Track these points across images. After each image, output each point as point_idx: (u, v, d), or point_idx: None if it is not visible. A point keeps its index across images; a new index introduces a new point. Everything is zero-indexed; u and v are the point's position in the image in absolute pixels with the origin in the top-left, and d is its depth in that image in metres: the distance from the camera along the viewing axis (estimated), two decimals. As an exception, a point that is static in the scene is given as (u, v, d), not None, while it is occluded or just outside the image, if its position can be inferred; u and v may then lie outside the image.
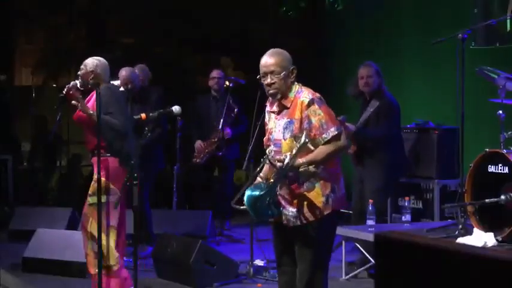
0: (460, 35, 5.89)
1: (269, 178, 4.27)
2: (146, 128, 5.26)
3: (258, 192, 4.16)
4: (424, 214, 7.36)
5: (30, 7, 11.77)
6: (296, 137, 4.17)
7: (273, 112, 4.36)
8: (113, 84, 6.12)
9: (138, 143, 5.70)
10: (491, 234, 5.54)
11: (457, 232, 5.79)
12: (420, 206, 7.43)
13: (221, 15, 11.01)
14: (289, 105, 4.26)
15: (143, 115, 5.49)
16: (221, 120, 8.11)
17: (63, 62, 11.00)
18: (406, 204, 6.62)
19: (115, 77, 7.55)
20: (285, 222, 4.28)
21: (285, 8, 9.66)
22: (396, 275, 2.15)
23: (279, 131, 4.28)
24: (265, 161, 4.31)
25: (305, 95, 4.22)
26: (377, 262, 2.28)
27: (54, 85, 11.07)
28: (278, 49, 4.35)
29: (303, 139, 4.08)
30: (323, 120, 4.15)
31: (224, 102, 8.19)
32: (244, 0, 10.93)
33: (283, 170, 4.12)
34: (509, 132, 5.91)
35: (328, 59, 10.13)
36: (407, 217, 6.44)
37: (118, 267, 5.49)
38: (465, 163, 5.97)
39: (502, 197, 5.58)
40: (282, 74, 4.22)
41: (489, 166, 5.75)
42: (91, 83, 5.49)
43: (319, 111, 4.16)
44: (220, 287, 6.10)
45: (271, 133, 4.35)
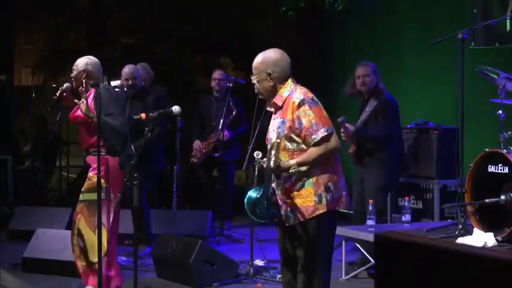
0: (460, 35, 5.88)
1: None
2: (146, 128, 5.25)
3: (255, 195, 4.22)
4: (424, 214, 7.36)
5: (30, 7, 11.78)
6: (287, 137, 4.22)
7: (271, 112, 4.43)
8: (110, 85, 6.13)
9: (138, 143, 5.71)
10: (491, 234, 5.54)
11: (457, 232, 5.79)
12: (420, 206, 7.43)
13: (221, 15, 11.01)
14: (281, 104, 4.30)
15: (143, 115, 5.49)
16: (221, 121, 8.10)
17: (63, 62, 10.99)
18: (406, 204, 6.62)
19: (116, 77, 7.57)
20: (285, 222, 4.32)
21: (285, 8, 9.65)
22: (396, 275, 2.15)
23: (273, 131, 4.34)
24: (257, 163, 4.35)
25: (296, 95, 4.25)
26: (377, 262, 2.28)
27: (54, 85, 11.07)
28: (268, 50, 4.40)
29: (274, 139, 4.17)
30: (313, 121, 4.17)
31: (225, 103, 8.20)
32: (244, 0, 10.93)
33: (268, 172, 4.16)
34: (509, 132, 5.91)
35: (328, 59, 10.12)
36: (407, 217, 6.44)
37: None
38: (465, 163, 5.97)
39: (502, 197, 5.58)
40: (256, 78, 4.32)
41: (489, 166, 5.75)
42: (91, 83, 5.48)
43: (309, 111, 4.18)
44: (220, 287, 6.10)
45: (268, 133, 4.42)
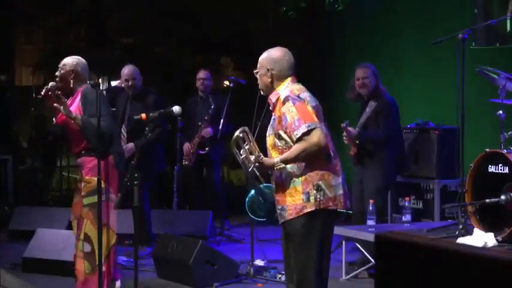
0: (460, 35, 5.88)
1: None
2: (147, 128, 5.25)
3: (252, 193, 4.27)
4: (425, 214, 7.36)
5: (30, 7, 11.77)
6: (276, 134, 4.26)
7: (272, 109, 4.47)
8: (110, 85, 6.14)
9: (139, 143, 5.72)
10: (491, 234, 5.54)
11: (457, 232, 5.78)
12: (420, 206, 7.42)
13: (221, 15, 11.00)
14: (274, 101, 4.34)
15: (143, 115, 5.49)
16: (221, 121, 8.08)
17: (63, 62, 10.99)
18: (407, 204, 6.62)
19: (116, 76, 7.59)
20: (278, 220, 4.38)
21: (285, 8, 9.65)
22: (396, 275, 2.15)
23: (268, 128, 4.41)
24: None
25: (284, 93, 4.28)
26: (377, 262, 2.28)
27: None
28: (274, 48, 4.43)
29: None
30: (295, 117, 4.17)
31: (215, 102, 8.20)
32: (244, 0, 10.93)
33: (248, 169, 4.21)
34: (509, 132, 5.90)
35: (328, 59, 10.12)
36: (407, 217, 6.44)
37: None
38: (465, 163, 5.97)
39: (503, 197, 5.58)
40: (258, 73, 4.38)
41: (489, 166, 5.74)
42: (91, 83, 5.47)
43: (292, 108, 4.19)
44: (220, 287, 6.10)
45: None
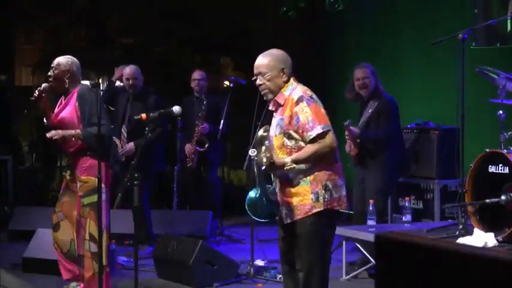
0: (460, 35, 5.88)
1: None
2: (147, 128, 5.25)
3: (254, 194, 4.25)
4: (425, 214, 7.36)
5: (30, 7, 11.76)
6: (285, 134, 4.24)
7: (273, 111, 4.44)
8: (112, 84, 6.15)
9: (139, 143, 5.73)
10: (491, 234, 5.54)
11: (458, 232, 5.78)
12: (420, 206, 7.42)
13: (221, 15, 11.00)
14: (282, 102, 4.32)
15: (144, 115, 5.48)
16: (221, 122, 8.07)
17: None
18: (407, 204, 6.62)
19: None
20: (283, 220, 4.36)
21: (285, 8, 9.64)
22: (396, 275, 2.15)
23: (273, 129, 4.36)
24: (252, 160, 4.38)
25: (296, 93, 4.28)
26: (377, 262, 2.28)
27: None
28: (271, 50, 4.43)
29: (273, 137, 4.24)
30: (310, 117, 4.19)
31: (210, 102, 8.20)
32: (244, 0, 10.93)
33: (260, 169, 4.19)
34: (509, 132, 5.90)
35: (328, 59, 10.12)
36: (407, 217, 6.44)
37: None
38: (465, 163, 5.97)
39: (503, 197, 5.58)
40: (268, 75, 4.31)
41: (489, 166, 5.74)
42: (92, 83, 5.48)
43: (306, 108, 4.20)
44: (220, 287, 6.09)
45: (269, 130, 4.42)
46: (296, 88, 4.30)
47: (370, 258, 6.15)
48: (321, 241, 4.33)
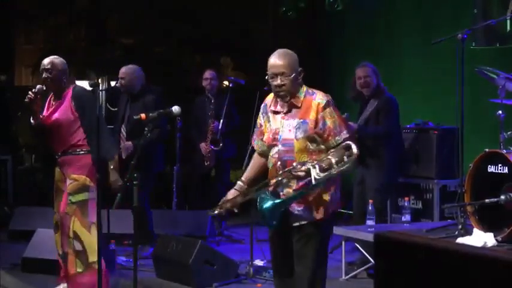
0: (460, 35, 5.88)
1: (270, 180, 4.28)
2: (146, 128, 5.24)
3: (279, 200, 4.16)
4: (424, 214, 7.36)
5: (30, 7, 11.76)
6: (309, 137, 4.19)
7: (277, 112, 4.33)
8: (110, 85, 6.16)
9: (138, 143, 5.73)
10: (490, 234, 5.54)
11: (457, 232, 5.78)
12: (420, 206, 7.42)
13: (221, 15, 10.99)
14: (299, 105, 4.25)
15: (143, 115, 5.48)
16: (221, 121, 8.08)
17: (62, 62, 10.97)
18: (406, 204, 6.61)
19: (118, 76, 7.58)
20: (290, 222, 4.24)
21: (285, 8, 9.65)
22: (396, 275, 2.14)
23: (290, 131, 4.24)
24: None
25: (320, 97, 4.24)
26: (377, 262, 2.28)
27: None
28: (287, 50, 4.35)
29: (294, 138, 4.15)
30: (336, 122, 4.20)
31: (218, 101, 8.21)
32: (244, 0, 10.93)
33: (311, 186, 4.08)
34: (508, 132, 5.90)
35: (328, 59, 10.12)
36: (407, 217, 6.43)
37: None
38: (465, 163, 5.96)
39: (502, 197, 5.57)
40: (292, 76, 4.22)
41: (489, 166, 5.74)
42: (91, 83, 5.48)
43: (334, 113, 4.21)
44: (220, 287, 6.09)
45: (277, 133, 4.29)
46: (316, 92, 4.27)
47: (369, 258, 6.15)
48: (328, 241, 4.37)
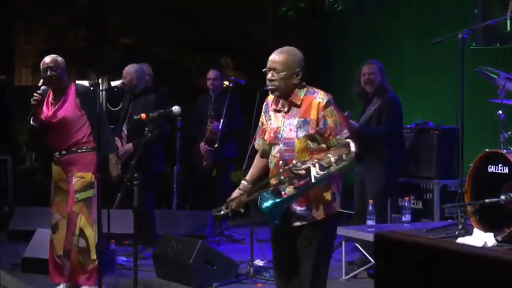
0: (460, 35, 5.87)
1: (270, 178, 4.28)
2: (146, 128, 5.24)
3: (279, 199, 4.15)
4: (424, 214, 7.35)
5: (30, 7, 11.75)
6: (309, 136, 4.18)
7: (279, 111, 4.31)
8: (110, 85, 6.20)
9: (138, 143, 5.74)
10: (491, 234, 5.53)
11: (457, 232, 5.78)
12: (420, 206, 7.41)
13: (221, 15, 10.99)
14: (299, 103, 4.23)
15: (143, 115, 5.49)
16: (221, 121, 8.07)
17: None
18: (406, 204, 6.61)
19: (117, 77, 7.58)
20: (292, 222, 4.23)
21: (285, 8, 9.64)
22: (396, 275, 2.14)
23: (291, 130, 4.23)
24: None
25: (321, 96, 4.22)
26: (377, 262, 2.28)
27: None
28: (291, 49, 4.34)
29: (294, 137, 4.15)
30: (338, 121, 4.18)
31: (218, 101, 8.20)
32: (244, 0, 10.92)
33: (310, 184, 4.07)
34: (509, 132, 5.90)
35: (328, 59, 10.12)
36: (407, 217, 6.43)
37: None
38: (465, 163, 5.96)
39: (502, 197, 5.57)
40: (283, 74, 4.21)
41: (489, 166, 5.74)
42: (91, 83, 5.51)
43: (334, 112, 4.19)
44: (220, 287, 6.09)
45: (278, 132, 4.28)
46: (317, 91, 4.25)
47: (369, 258, 6.14)
48: (332, 241, 4.36)
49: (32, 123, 5.66)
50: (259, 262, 6.59)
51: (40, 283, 6.31)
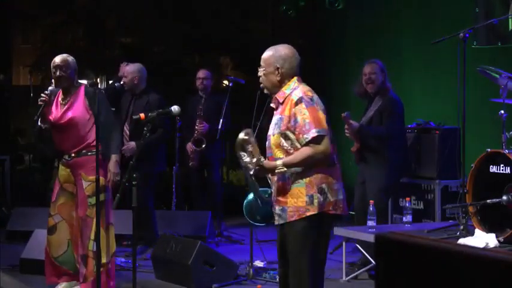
0: (461, 35, 5.86)
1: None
2: (145, 128, 5.22)
3: (251, 196, 4.22)
4: (425, 215, 7.33)
5: (28, 7, 11.74)
6: (282, 134, 4.19)
7: (274, 108, 4.37)
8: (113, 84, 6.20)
9: (139, 143, 5.73)
10: (492, 235, 5.52)
11: (459, 233, 5.77)
12: (421, 207, 7.39)
13: (221, 15, 10.98)
14: (282, 100, 4.27)
15: (142, 115, 5.46)
16: (220, 121, 8.03)
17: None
18: (407, 204, 6.59)
19: (116, 76, 7.55)
20: (274, 221, 4.32)
21: (285, 7, 9.63)
22: (397, 276, 2.12)
23: (272, 127, 4.31)
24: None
25: (296, 93, 4.21)
26: (377, 263, 2.25)
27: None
28: (280, 46, 4.36)
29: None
30: (307, 120, 4.12)
31: (211, 101, 8.16)
32: (244, 0, 10.91)
33: (250, 173, 4.18)
34: (511, 132, 5.88)
35: (328, 59, 10.10)
36: (408, 218, 6.41)
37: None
38: (466, 163, 5.95)
39: (504, 198, 5.56)
40: (263, 70, 4.28)
41: (491, 166, 5.72)
42: (89, 83, 5.49)
43: (305, 110, 4.14)
44: (219, 288, 6.07)
45: (269, 130, 4.37)
46: (297, 88, 4.23)
47: (370, 259, 6.12)
48: (311, 244, 4.22)
49: (40, 124, 5.62)
50: (258, 263, 6.57)
51: (38, 284, 6.29)
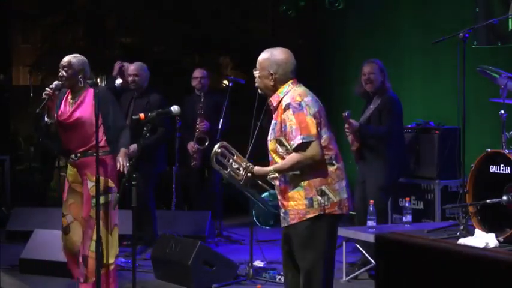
0: (461, 35, 5.86)
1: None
2: (145, 128, 5.21)
3: (256, 205, 4.24)
4: (425, 215, 7.33)
5: (28, 7, 11.73)
6: (277, 140, 4.20)
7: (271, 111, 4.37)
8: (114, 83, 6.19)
9: (140, 144, 5.72)
10: (492, 235, 5.52)
11: (459, 233, 5.77)
12: (421, 207, 7.39)
13: (221, 15, 10.97)
14: (276, 104, 4.26)
15: (142, 115, 5.45)
16: (220, 120, 8.03)
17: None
18: (407, 204, 6.59)
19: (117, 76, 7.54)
20: (281, 222, 4.34)
21: (285, 7, 9.63)
22: (397, 276, 2.12)
23: (270, 132, 4.31)
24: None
25: (285, 98, 4.20)
26: (377, 263, 2.25)
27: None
28: (277, 49, 4.31)
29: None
30: (293, 126, 4.11)
31: (210, 100, 8.15)
32: (244, 0, 10.91)
33: (239, 182, 4.24)
34: (511, 132, 5.87)
35: (328, 59, 10.10)
36: (408, 218, 6.40)
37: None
38: (466, 163, 5.94)
39: (504, 198, 5.56)
40: (259, 73, 4.27)
41: (491, 166, 5.72)
42: (89, 83, 5.46)
43: (291, 117, 4.12)
44: (219, 288, 6.07)
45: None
46: (287, 92, 4.21)
47: (370, 259, 6.12)
48: (317, 244, 4.22)
49: (47, 119, 5.61)
50: (258, 263, 6.57)
51: (37, 284, 6.30)
